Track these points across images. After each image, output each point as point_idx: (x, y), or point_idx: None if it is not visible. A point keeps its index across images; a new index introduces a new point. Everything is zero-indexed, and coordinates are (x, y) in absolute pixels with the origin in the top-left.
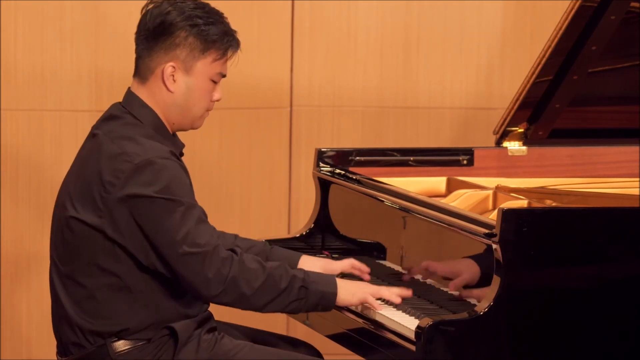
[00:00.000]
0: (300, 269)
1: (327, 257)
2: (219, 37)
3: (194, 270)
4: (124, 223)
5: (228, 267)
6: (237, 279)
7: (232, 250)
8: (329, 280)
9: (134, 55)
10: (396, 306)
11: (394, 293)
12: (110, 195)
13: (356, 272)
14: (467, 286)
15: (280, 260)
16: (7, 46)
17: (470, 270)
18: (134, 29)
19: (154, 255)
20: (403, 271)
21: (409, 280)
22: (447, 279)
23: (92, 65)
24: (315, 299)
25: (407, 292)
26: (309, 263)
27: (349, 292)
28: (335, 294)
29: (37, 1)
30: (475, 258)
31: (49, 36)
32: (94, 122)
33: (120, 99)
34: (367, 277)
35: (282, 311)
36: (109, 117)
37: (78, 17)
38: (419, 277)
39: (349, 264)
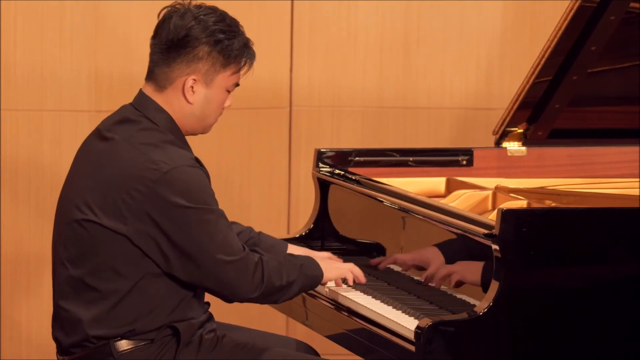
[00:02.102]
0: (296, 257)
1: None
2: (240, 52)
3: (232, 277)
4: (150, 231)
5: (261, 271)
6: (270, 280)
7: (256, 252)
8: (315, 264)
9: (133, 56)
10: (395, 306)
11: (356, 275)
12: (138, 204)
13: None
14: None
15: (269, 247)
16: (7, 46)
17: (437, 258)
18: (134, 29)
19: (176, 263)
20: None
21: (386, 270)
22: (421, 268)
23: (91, 65)
24: (308, 283)
25: (362, 278)
26: (293, 249)
27: (328, 271)
28: (321, 275)
29: (37, 1)
30: (475, 258)
31: (48, 36)
32: (93, 122)
33: (120, 99)
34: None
35: (286, 300)
36: (123, 120)
37: (78, 17)
38: (398, 269)
39: (327, 255)
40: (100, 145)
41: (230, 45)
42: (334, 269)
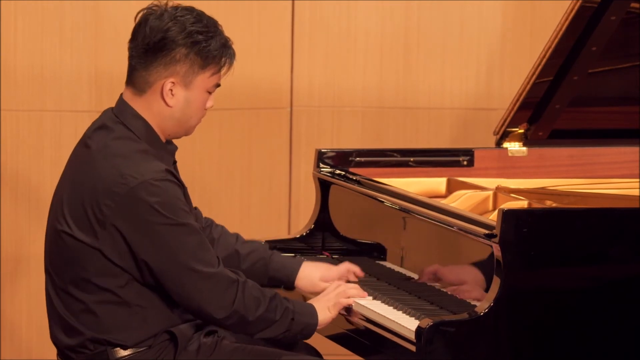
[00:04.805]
0: (288, 299)
1: (327, 257)
2: (218, 52)
3: (201, 290)
4: (121, 245)
5: (234, 294)
6: (242, 306)
7: (236, 273)
8: (311, 312)
9: None
10: (396, 306)
11: (355, 294)
12: (107, 219)
13: (351, 277)
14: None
15: (281, 267)
16: (7, 46)
17: (474, 280)
18: None
19: (152, 275)
20: (413, 275)
21: (417, 283)
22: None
23: (91, 65)
24: (299, 329)
25: (363, 294)
26: (310, 269)
27: (325, 311)
28: (315, 324)
29: (37, 1)
30: (475, 258)
31: (48, 36)
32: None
33: None
34: (360, 275)
35: (268, 339)
36: (101, 127)
37: (78, 17)
38: (399, 269)
39: (345, 269)
40: (82, 152)
41: (207, 46)
42: (327, 310)
